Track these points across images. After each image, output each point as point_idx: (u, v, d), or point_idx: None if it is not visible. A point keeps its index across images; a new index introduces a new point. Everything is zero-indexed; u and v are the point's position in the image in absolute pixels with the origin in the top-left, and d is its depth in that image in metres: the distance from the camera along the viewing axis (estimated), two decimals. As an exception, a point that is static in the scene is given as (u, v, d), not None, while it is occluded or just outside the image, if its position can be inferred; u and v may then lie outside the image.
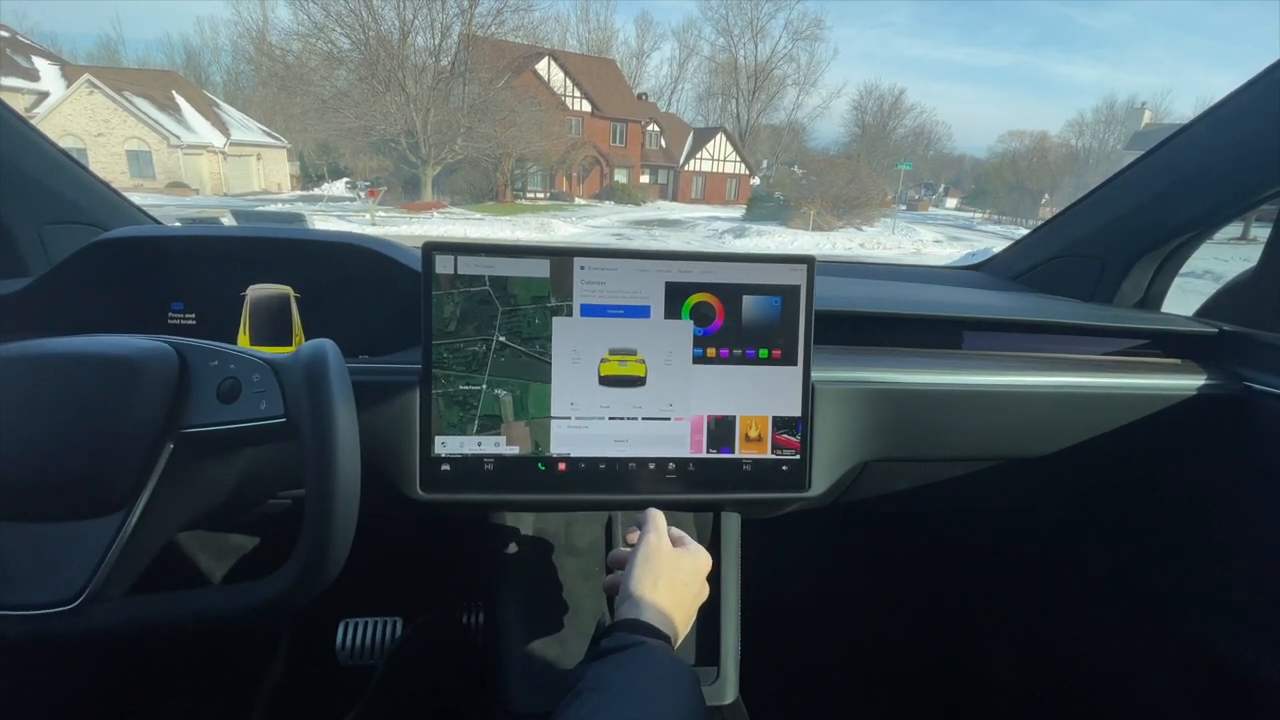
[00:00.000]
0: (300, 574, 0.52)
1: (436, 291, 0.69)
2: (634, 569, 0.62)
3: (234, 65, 34.83)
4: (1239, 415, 0.89)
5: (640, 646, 0.53)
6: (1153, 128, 30.76)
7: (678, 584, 0.62)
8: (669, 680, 0.50)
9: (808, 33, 44.12)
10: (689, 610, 0.64)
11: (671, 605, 0.60)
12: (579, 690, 0.49)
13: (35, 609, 0.49)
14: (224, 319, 0.79)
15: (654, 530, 0.66)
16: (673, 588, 0.61)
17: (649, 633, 0.55)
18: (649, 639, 0.54)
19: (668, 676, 0.51)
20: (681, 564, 0.64)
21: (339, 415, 0.52)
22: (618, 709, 0.46)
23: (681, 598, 0.62)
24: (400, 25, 21.93)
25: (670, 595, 0.61)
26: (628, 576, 0.62)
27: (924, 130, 49.36)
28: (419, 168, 21.16)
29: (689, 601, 0.64)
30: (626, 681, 0.49)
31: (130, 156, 19.85)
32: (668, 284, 0.72)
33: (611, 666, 0.51)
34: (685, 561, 0.65)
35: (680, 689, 0.50)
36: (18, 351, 0.51)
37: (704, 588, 0.67)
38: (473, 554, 0.88)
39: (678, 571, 0.63)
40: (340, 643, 1.15)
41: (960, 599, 1.30)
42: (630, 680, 0.49)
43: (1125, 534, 1.07)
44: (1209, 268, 2.55)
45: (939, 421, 0.85)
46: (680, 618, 0.61)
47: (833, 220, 19.89)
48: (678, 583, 0.62)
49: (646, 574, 0.61)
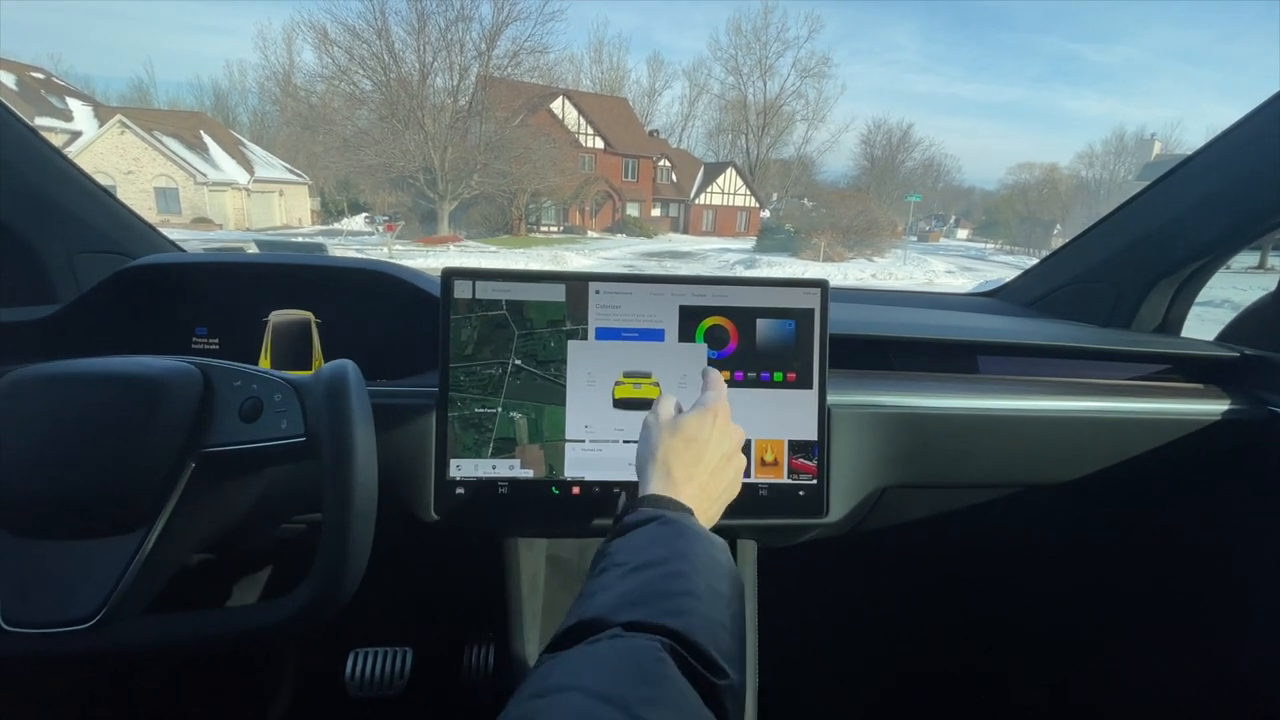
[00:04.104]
0: (316, 593, 0.52)
1: (455, 315, 0.70)
2: (675, 431, 0.55)
3: (260, 106, 36.14)
4: (1263, 440, 0.87)
5: (663, 519, 0.48)
6: (1163, 158, 30.81)
7: (721, 466, 0.56)
8: (695, 542, 0.47)
9: (816, 70, 45.08)
10: (722, 502, 0.57)
11: (711, 487, 0.55)
12: (602, 567, 0.46)
13: (53, 627, 0.49)
14: (246, 344, 0.81)
15: (716, 396, 0.59)
16: (710, 470, 0.55)
17: (674, 507, 0.51)
18: (672, 512, 0.50)
19: (695, 539, 0.47)
20: (723, 445, 0.57)
21: (358, 434, 0.53)
22: (642, 573, 0.43)
23: (721, 482, 0.56)
24: (420, 67, 22.74)
25: (713, 476, 0.55)
26: (655, 439, 0.55)
27: (933, 163, 49.80)
28: (436, 203, 21.64)
29: (727, 491, 0.57)
30: (651, 547, 0.46)
31: (158, 193, 20.49)
32: (681, 308, 0.73)
33: (632, 538, 0.47)
34: (727, 441, 0.57)
35: (707, 552, 0.47)
36: (44, 371, 0.52)
37: (739, 481, 0.59)
38: (484, 582, 0.87)
39: (720, 448, 0.56)
40: (350, 673, 1.14)
41: (983, 628, 1.26)
42: (654, 545, 0.46)
43: (1149, 560, 1.04)
44: (1227, 296, 2.53)
45: (958, 447, 0.84)
46: (713, 504, 0.55)
47: (843, 252, 19.99)
48: (720, 465, 0.56)
49: (683, 443, 0.55)
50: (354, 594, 0.53)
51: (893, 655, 1.30)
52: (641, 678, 0.35)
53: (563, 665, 0.36)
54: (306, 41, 26.79)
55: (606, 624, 0.39)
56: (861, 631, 1.29)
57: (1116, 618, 1.09)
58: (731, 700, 0.38)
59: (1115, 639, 1.10)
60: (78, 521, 0.50)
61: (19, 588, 0.49)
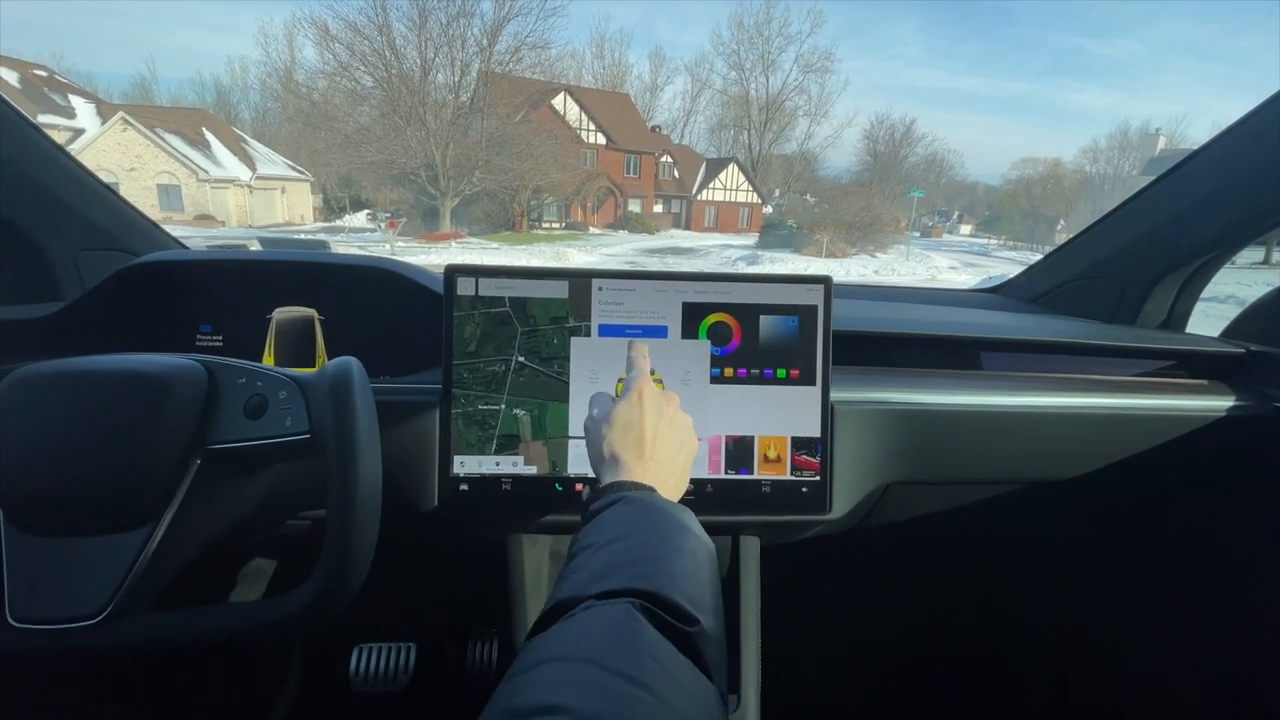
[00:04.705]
0: (322, 589, 0.52)
1: (458, 312, 0.70)
2: (609, 423, 0.57)
3: (262, 103, 36.12)
4: (1268, 436, 0.87)
5: (624, 499, 0.50)
6: (1168, 153, 30.63)
7: (662, 435, 0.58)
8: (657, 514, 0.49)
9: (818, 66, 44.89)
10: (680, 465, 0.59)
11: (661, 456, 0.56)
12: (573, 552, 0.47)
13: (60, 623, 0.49)
14: (250, 341, 0.81)
15: (638, 374, 0.61)
16: (652, 444, 0.57)
17: (633, 488, 0.53)
18: (632, 492, 0.52)
19: (656, 512, 0.49)
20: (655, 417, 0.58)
21: (362, 431, 0.53)
22: (608, 549, 0.45)
23: (669, 449, 0.58)
24: (421, 64, 22.69)
25: (657, 447, 0.57)
26: (598, 436, 0.58)
27: (936, 158, 49.61)
28: (438, 199, 21.62)
29: (679, 453, 0.59)
30: (614, 525, 0.48)
31: (161, 190, 20.52)
32: (685, 304, 0.73)
33: (597, 522, 0.49)
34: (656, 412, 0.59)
35: (669, 520, 0.49)
36: (49, 369, 0.52)
37: (691, 437, 0.61)
38: (488, 579, 0.87)
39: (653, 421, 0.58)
40: (354, 669, 1.14)
41: (987, 624, 1.26)
42: (618, 522, 0.48)
43: (1154, 557, 1.04)
44: (1232, 292, 2.52)
45: (962, 443, 0.84)
46: (670, 473, 0.57)
47: (846, 248, 19.92)
48: (662, 435, 0.58)
49: (620, 431, 0.57)
50: (358, 590, 0.54)
51: (896, 651, 1.30)
52: (616, 637, 0.37)
53: (542, 642, 0.38)
54: (308, 38, 26.72)
55: (580, 599, 0.40)
56: (865, 628, 1.29)
57: (1121, 614, 1.09)
58: (706, 644, 0.40)
59: (1120, 635, 1.09)
60: (84, 518, 0.51)
61: (26, 584, 0.50)
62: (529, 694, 0.33)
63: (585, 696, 0.32)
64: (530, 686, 0.33)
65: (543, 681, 0.33)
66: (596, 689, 0.32)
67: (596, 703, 0.31)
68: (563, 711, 0.30)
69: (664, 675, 0.34)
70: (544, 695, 0.32)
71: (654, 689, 0.33)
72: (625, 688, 0.32)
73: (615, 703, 0.31)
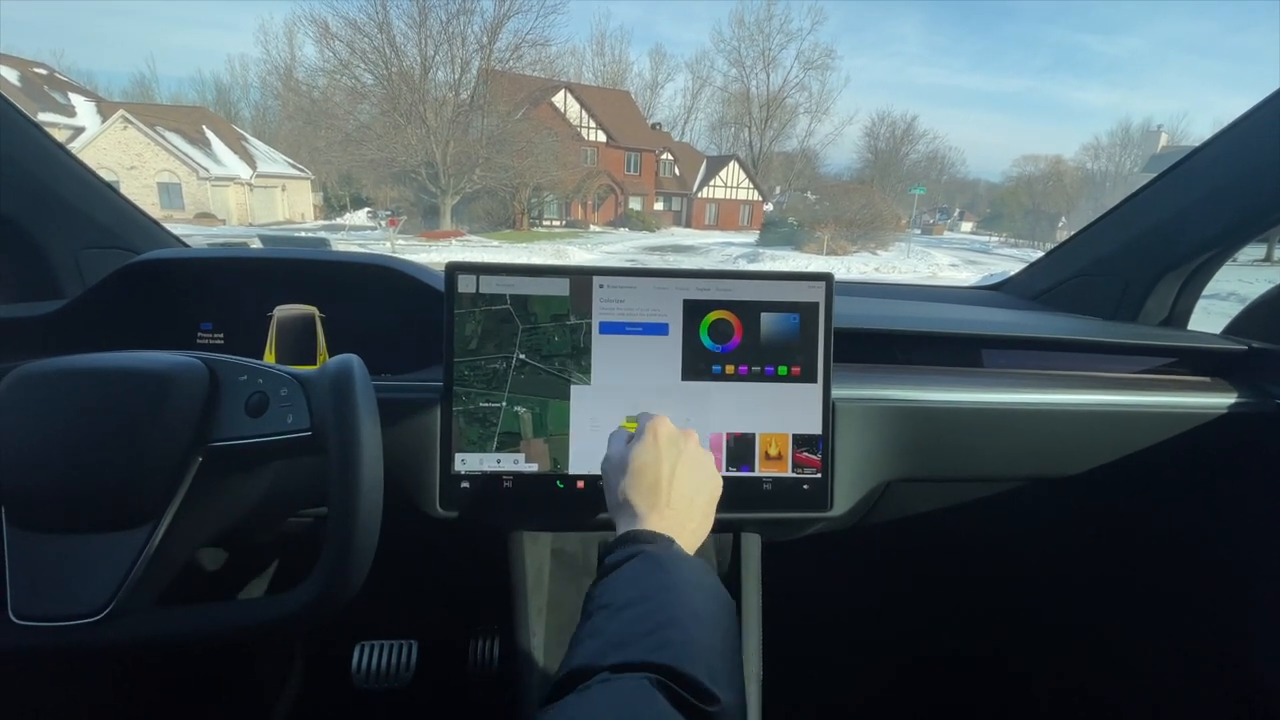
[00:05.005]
0: (323, 587, 0.52)
1: (459, 310, 0.70)
2: (624, 469, 0.56)
3: (262, 101, 36.18)
4: (1270, 433, 0.87)
5: (641, 554, 0.49)
6: (1169, 150, 30.56)
7: (679, 478, 0.56)
8: (675, 570, 0.47)
9: (819, 63, 44.92)
10: (699, 508, 0.57)
11: (677, 503, 0.55)
12: (589, 611, 0.46)
13: (62, 620, 0.49)
14: (251, 339, 0.81)
15: (649, 415, 0.60)
16: (668, 488, 0.55)
17: (650, 540, 0.51)
18: (649, 545, 0.50)
19: (674, 567, 0.48)
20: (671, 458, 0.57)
21: (364, 429, 0.53)
22: (625, 612, 0.43)
23: (686, 492, 0.56)
24: (421, 61, 22.69)
25: (674, 492, 0.55)
26: (614, 481, 0.56)
27: (937, 155, 49.65)
28: (438, 197, 21.62)
29: (698, 495, 0.57)
30: (632, 585, 0.46)
31: (161, 188, 20.55)
32: (685, 301, 0.73)
33: (614, 579, 0.47)
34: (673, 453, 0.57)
35: (687, 577, 0.47)
36: (51, 367, 0.52)
37: (713, 476, 0.60)
38: (489, 576, 0.87)
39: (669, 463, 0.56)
40: (355, 666, 1.15)
41: (988, 621, 1.27)
42: (636, 582, 0.46)
43: (1155, 554, 1.04)
44: (1234, 289, 2.52)
45: (963, 440, 0.84)
46: (689, 518, 0.55)
47: (846, 245, 19.90)
48: (679, 477, 0.56)
49: (635, 476, 0.55)
50: (360, 587, 0.54)
51: (897, 648, 1.30)
52: (632, 717, 0.35)
53: (555, 717, 0.36)
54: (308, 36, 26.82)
55: (595, 669, 0.39)
56: (866, 625, 1.29)
57: (1122, 611, 1.09)
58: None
59: (1121, 632, 1.10)
60: (85, 516, 0.50)
61: (28, 582, 0.50)
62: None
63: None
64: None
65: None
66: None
67: None
68: None
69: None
70: None
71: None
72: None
73: None
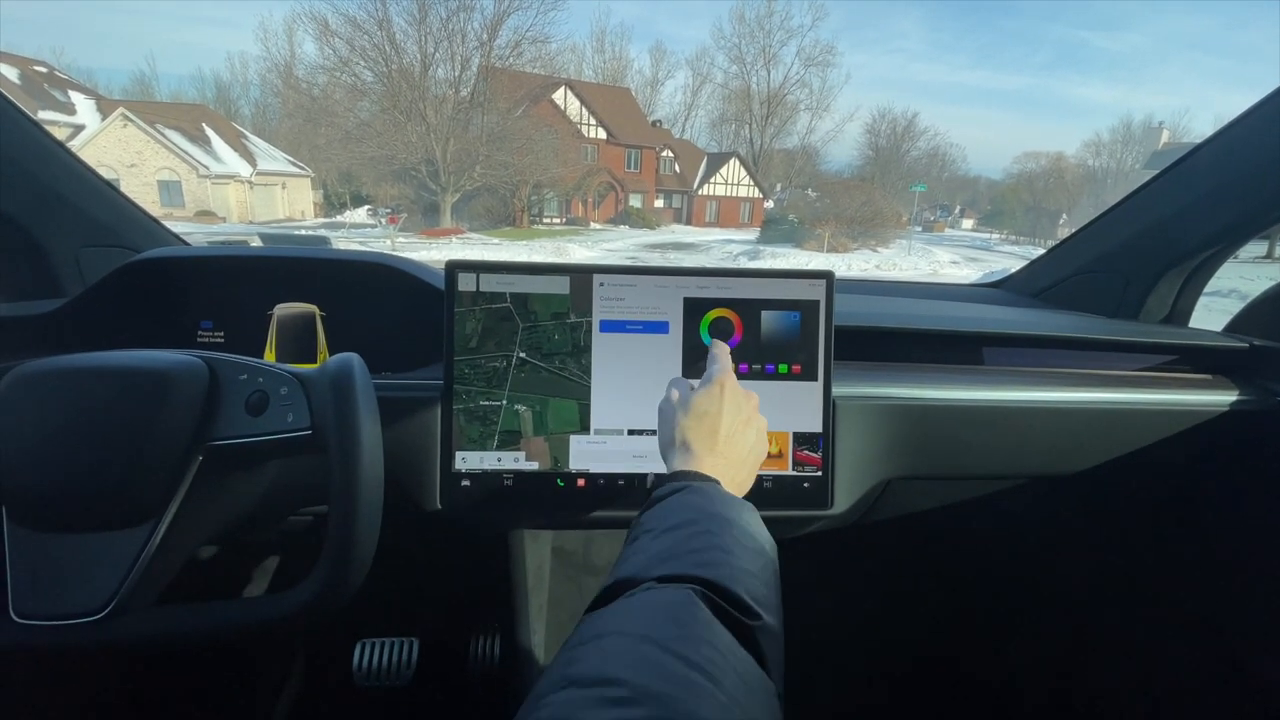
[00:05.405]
0: (324, 585, 0.52)
1: (459, 308, 0.70)
2: (686, 410, 0.57)
3: (262, 98, 36.13)
4: (1271, 431, 0.86)
5: (689, 488, 0.50)
6: (1171, 147, 30.48)
7: (737, 432, 0.57)
8: (722, 505, 0.48)
9: (820, 59, 44.82)
10: (749, 464, 0.58)
11: (731, 454, 0.55)
12: (634, 535, 0.47)
13: (63, 619, 0.49)
14: (251, 337, 0.81)
15: (721, 368, 0.60)
16: (727, 438, 0.56)
17: (698, 479, 0.52)
18: (698, 483, 0.51)
19: (722, 503, 0.49)
20: (735, 412, 0.58)
21: (364, 428, 0.53)
22: (672, 534, 0.45)
23: (740, 446, 0.57)
24: (421, 58, 22.65)
25: (730, 443, 0.56)
26: (672, 421, 0.57)
27: (938, 152, 49.53)
28: (438, 195, 21.59)
29: (750, 454, 0.58)
30: (679, 512, 0.47)
31: (161, 186, 20.52)
32: (686, 300, 0.73)
33: (661, 508, 0.49)
34: (737, 408, 0.58)
35: (734, 513, 0.48)
36: (51, 365, 0.52)
37: (763, 441, 0.60)
38: (490, 574, 0.87)
39: (733, 416, 0.57)
40: (357, 664, 1.15)
41: (992, 622, 1.27)
42: (682, 509, 0.47)
43: (1158, 553, 1.04)
44: (1235, 286, 2.52)
45: (963, 438, 0.84)
46: (739, 470, 0.56)
47: (847, 242, 19.87)
48: (737, 431, 0.57)
49: (695, 419, 0.56)
50: (361, 585, 0.54)
51: (898, 646, 1.30)
52: (676, 620, 0.36)
53: (601, 617, 0.38)
54: (308, 33, 26.74)
55: (640, 580, 0.40)
56: (867, 623, 1.29)
57: (1122, 608, 1.09)
58: (767, 639, 0.39)
59: (1122, 630, 1.10)
60: (86, 515, 0.51)
61: (29, 580, 0.50)
62: (587, 665, 0.33)
63: (642, 673, 0.31)
64: (588, 658, 0.33)
65: (601, 654, 0.34)
66: (654, 667, 0.32)
67: (653, 680, 0.31)
68: (620, 684, 0.30)
69: (722, 663, 0.34)
70: (602, 668, 0.32)
71: (711, 675, 0.32)
72: (683, 670, 0.32)
73: (671, 683, 0.31)
